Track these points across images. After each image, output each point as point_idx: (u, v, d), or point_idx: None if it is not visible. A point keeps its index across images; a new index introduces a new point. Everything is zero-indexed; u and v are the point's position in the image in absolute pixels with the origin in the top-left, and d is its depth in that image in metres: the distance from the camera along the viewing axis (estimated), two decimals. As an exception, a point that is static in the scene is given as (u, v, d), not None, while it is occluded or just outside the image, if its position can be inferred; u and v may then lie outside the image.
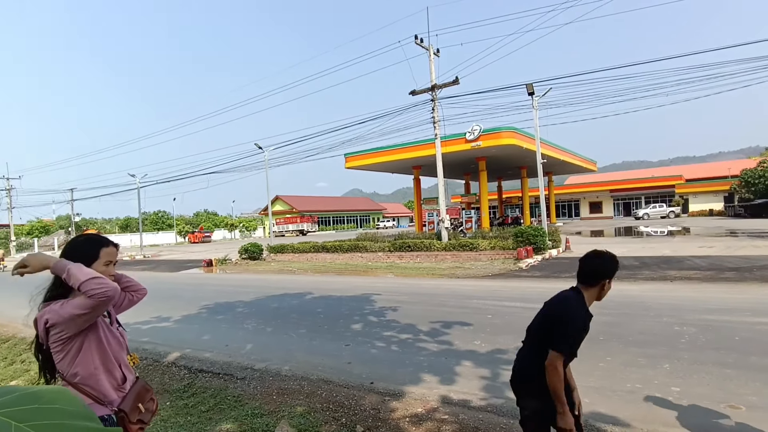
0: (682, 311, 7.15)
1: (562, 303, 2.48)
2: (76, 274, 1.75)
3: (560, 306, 2.47)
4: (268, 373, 5.26)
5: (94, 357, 1.89)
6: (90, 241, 2.07)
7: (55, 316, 1.78)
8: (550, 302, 2.56)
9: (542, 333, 2.47)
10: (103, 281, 1.78)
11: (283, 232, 61.71)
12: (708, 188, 51.59)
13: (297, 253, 22.17)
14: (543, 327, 2.48)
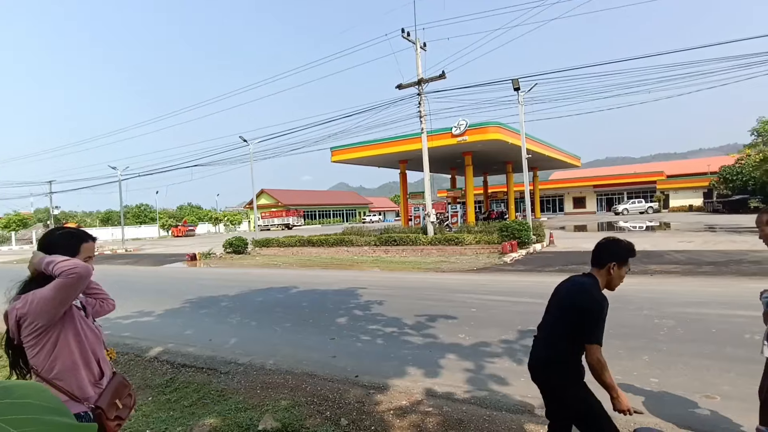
0: (661, 304, 7.30)
1: (585, 293, 2.49)
2: (53, 260, 1.74)
3: (583, 296, 2.48)
4: (253, 367, 5.23)
5: (72, 350, 1.84)
6: (69, 235, 2.02)
7: (26, 305, 1.73)
8: (570, 292, 2.59)
9: (568, 323, 2.48)
10: (75, 260, 1.76)
11: (269, 226, 61.30)
12: (688, 184, 52.67)
13: (282, 247, 22.04)
14: (568, 318, 2.49)
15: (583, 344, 2.43)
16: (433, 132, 23.64)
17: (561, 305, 2.61)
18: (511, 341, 5.70)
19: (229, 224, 67.68)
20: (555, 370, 2.55)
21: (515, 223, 17.78)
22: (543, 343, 2.68)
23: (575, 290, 2.56)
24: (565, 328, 2.50)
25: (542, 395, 2.73)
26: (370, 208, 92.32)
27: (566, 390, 2.53)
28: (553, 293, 2.78)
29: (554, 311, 2.66)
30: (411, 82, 20.07)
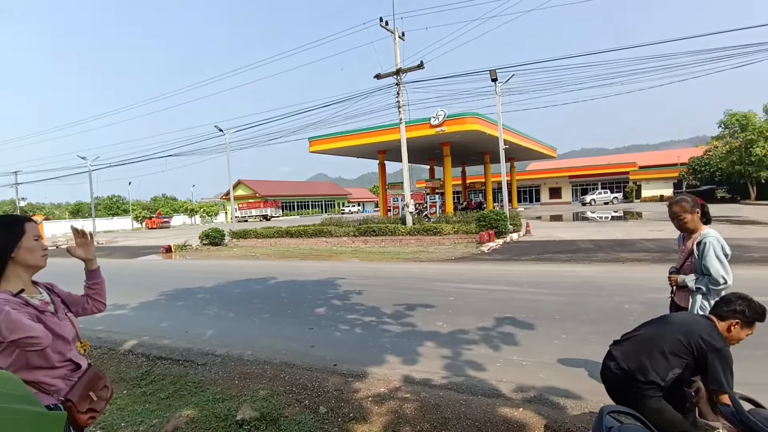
0: (632, 290, 7.53)
1: (715, 332, 2.35)
2: (16, 321, 1.60)
3: (714, 336, 2.32)
4: (230, 358, 5.20)
5: (32, 358, 1.75)
6: (6, 219, 1.89)
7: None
8: (695, 328, 2.40)
9: (684, 356, 2.36)
10: (38, 329, 1.65)
11: (246, 217, 60.58)
12: (659, 175, 54.21)
13: (260, 239, 21.82)
14: (686, 351, 2.35)
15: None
16: (412, 122, 23.66)
17: (677, 335, 2.43)
18: (488, 328, 5.80)
19: (206, 216, 66.55)
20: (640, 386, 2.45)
21: (493, 213, 18.01)
22: (627, 355, 2.59)
23: (704, 328, 2.39)
24: (672, 357, 2.39)
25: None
26: (349, 198, 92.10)
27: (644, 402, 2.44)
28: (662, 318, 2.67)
29: (660, 336, 2.49)
30: (389, 72, 19.98)
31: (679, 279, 3.25)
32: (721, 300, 2.51)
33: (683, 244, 3.39)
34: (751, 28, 15.86)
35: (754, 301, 2.40)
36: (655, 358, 2.42)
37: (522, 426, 3.31)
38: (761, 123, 35.61)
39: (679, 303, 3.37)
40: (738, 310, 2.38)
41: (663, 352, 2.40)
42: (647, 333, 2.62)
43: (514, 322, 6.00)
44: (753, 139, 35.28)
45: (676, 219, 3.24)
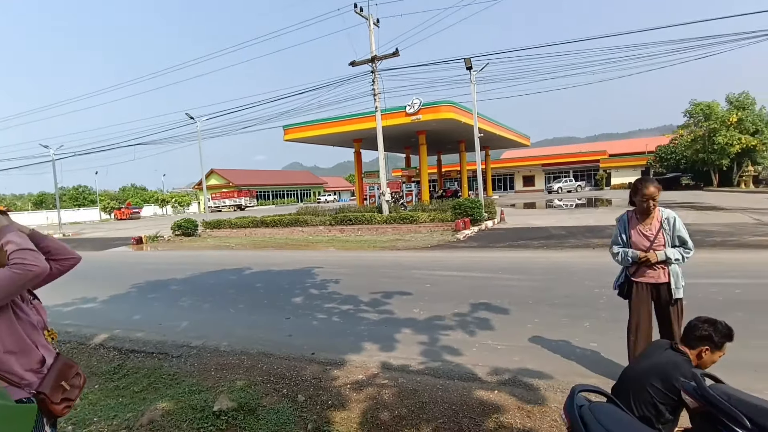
0: (602, 275, 7.74)
1: (688, 369, 2.33)
2: (16, 240, 1.63)
3: (688, 376, 2.29)
4: (206, 349, 5.13)
5: (4, 340, 1.71)
6: None
7: None
8: (671, 372, 2.35)
9: (669, 402, 2.31)
10: (39, 256, 1.65)
11: (220, 207, 59.50)
12: (628, 163, 55.73)
13: (235, 229, 21.49)
14: (667, 397, 2.31)
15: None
16: (388, 110, 23.55)
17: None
18: (464, 314, 5.90)
19: (178, 206, 65.00)
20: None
21: (468, 201, 18.20)
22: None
23: (678, 364, 2.38)
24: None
25: None
26: (325, 187, 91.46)
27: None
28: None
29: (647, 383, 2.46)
30: (364, 60, 19.81)
31: (659, 254, 3.38)
32: (688, 327, 2.54)
33: (635, 226, 3.51)
34: (715, 20, 16.37)
35: (719, 323, 2.45)
36: (648, 409, 2.39)
37: (497, 408, 3.39)
38: (723, 113, 36.93)
39: (649, 281, 3.50)
40: (705, 336, 2.43)
41: (654, 404, 2.36)
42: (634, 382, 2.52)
43: (489, 308, 6.11)
44: (716, 128, 36.60)
45: (653, 199, 3.37)
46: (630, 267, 3.58)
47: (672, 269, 3.43)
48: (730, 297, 5.86)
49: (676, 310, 3.46)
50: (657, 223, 3.45)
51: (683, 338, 2.55)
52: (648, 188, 3.36)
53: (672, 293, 3.43)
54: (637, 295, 3.57)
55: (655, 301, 3.55)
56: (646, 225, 3.48)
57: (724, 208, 18.94)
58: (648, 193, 3.35)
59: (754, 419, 1.78)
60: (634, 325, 3.59)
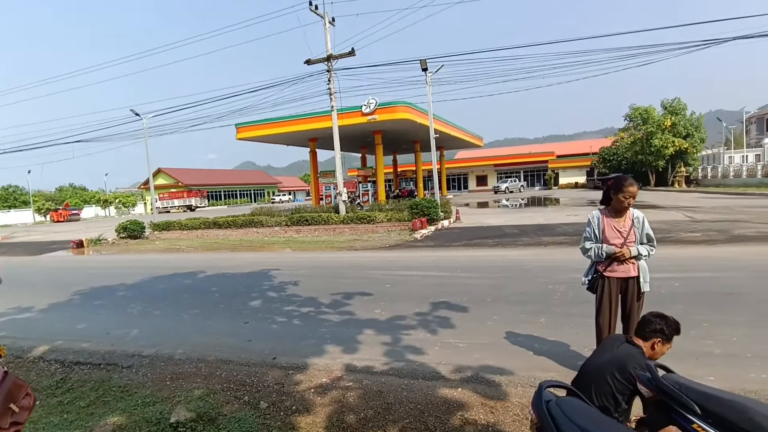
0: (554, 272, 8.08)
1: (642, 360, 2.51)
2: None
3: (642, 365, 2.46)
4: (159, 358, 4.90)
5: None
6: None
7: None
8: (627, 361, 2.52)
9: (625, 391, 2.47)
10: None
11: (168, 208, 57.09)
12: (574, 164, 58.43)
13: (186, 230, 20.68)
14: (625, 387, 2.48)
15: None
16: (344, 110, 23.46)
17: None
18: (425, 313, 5.96)
19: (122, 207, 61.70)
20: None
21: (424, 201, 18.43)
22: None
23: (633, 355, 2.56)
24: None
25: None
26: (279, 187, 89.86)
27: None
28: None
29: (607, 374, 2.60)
30: (320, 58, 19.60)
31: (632, 250, 3.59)
32: (642, 321, 2.71)
33: (610, 223, 3.69)
34: (653, 30, 17.45)
35: (669, 318, 2.64)
36: (608, 399, 2.54)
37: (461, 405, 3.45)
38: (659, 117, 39.45)
39: (619, 276, 3.68)
40: (657, 329, 2.60)
41: (613, 394, 2.51)
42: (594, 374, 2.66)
43: (449, 306, 6.21)
44: (652, 131, 39.03)
45: (632, 198, 3.55)
46: (602, 262, 3.72)
47: (641, 264, 3.67)
48: (670, 290, 6.26)
49: (641, 304, 3.69)
50: (629, 221, 3.66)
51: (638, 331, 2.70)
52: (632, 187, 3.54)
53: (640, 287, 3.66)
54: (607, 289, 3.72)
55: (622, 294, 3.74)
56: (619, 222, 3.67)
57: (662, 207, 20.24)
58: (632, 191, 3.53)
59: (703, 405, 1.90)
60: (606, 318, 3.74)
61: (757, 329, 4.70)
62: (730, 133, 48.37)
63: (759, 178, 32.57)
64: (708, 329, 4.76)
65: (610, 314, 3.72)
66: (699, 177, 41.83)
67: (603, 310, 3.73)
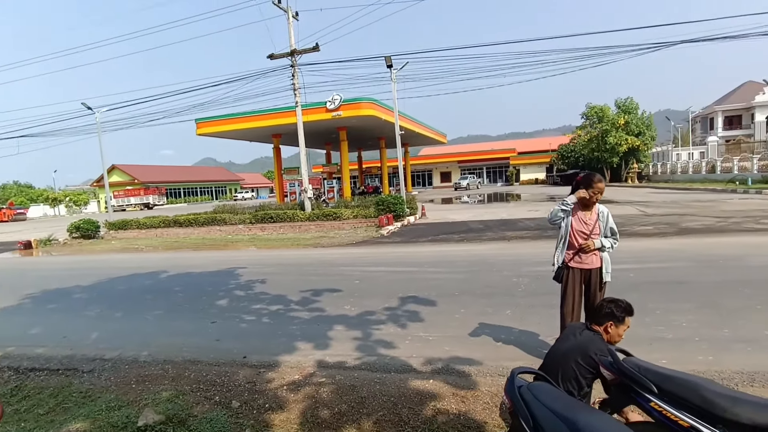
0: (518, 265, 8.34)
1: (602, 343, 2.66)
2: None
3: (602, 348, 2.61)
4: (123, 361, 4.74)
5: None
6: None
7: None
8: (588, 346, 2.65)
9: (588, 375, 2.60)
10: None
11: (124, 206, 54.91)
12: (534, 160, 60.16)
13: (144, 229, 19.95)
14: (588, 371, 2.62)
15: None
16: (308, 106, 23.21)
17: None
18: (394, 308, 6.03)
19: (73, 206, 58.71)
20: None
21: (391, 197, 18.53)
22: None
23: (592, 340, 2.70)
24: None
25: None
26: (242, 184, 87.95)
27: None
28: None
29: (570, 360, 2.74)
30: (283, 53, 19.31)
31: (596, 243, 3.81)
32: (594, 308, 2.89)
33: (577, 215, 3.89)
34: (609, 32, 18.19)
35: (619, 300, 2.81)
36: (572, 384, 2.66)
37: (433, 396, 3.53)
38: (613, 116, 41.19)
39: (583, 267, 3.89)
40: (608, 313, 2.77)
41: (577, 379, 2.64)
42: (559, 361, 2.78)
43: (418, 301, 6.31)
44: (607, 129, 40.71)
45: (600, 194, 3.78)
46: (567, 254, 3.94)
47: (604, 256, 3.90)
48: (626, 280, 6.59)
49: (603, 294, 3.90)
50: (595, 215, 3.88)
51: (592, 318, 2.87)
52: (601, 183, 3.78)
53: (603, 277, 3.88)
54: (572, 280, 3.92)
55: (586, 284, 3.94)
56: (586, 215, 3.89)
57: (617, 202, 21.18)
58: (600, 188, 3.76)
59: (660, 385, 2.04)
60: (570, 307, 3.93)
61: (703, 315, 5.04)
62: (677, 131, 51.10)
63: (703, 174, 34.60)
64: (660, 316, 5.05)
65: (574, 303, 3.91)
66: (650, 173, 43.97)
67: (567, 300, 3.92)
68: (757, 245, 9.07)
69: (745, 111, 49.55)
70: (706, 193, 25.03)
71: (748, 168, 29.69)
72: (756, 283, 6.19)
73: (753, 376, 3.59)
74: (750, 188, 24.52)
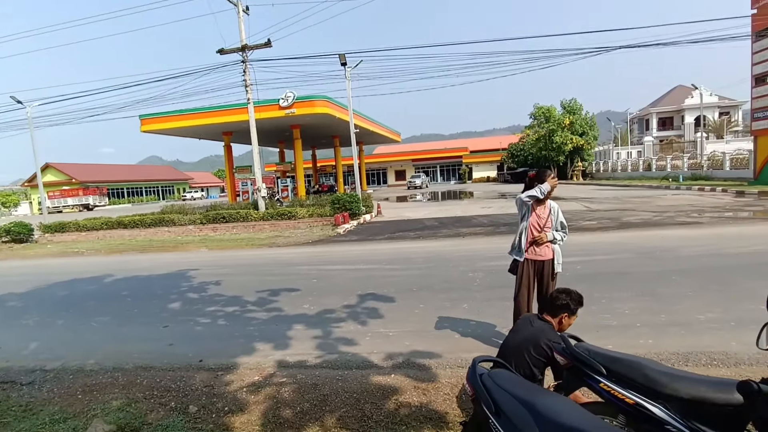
0: (473, 260, 8.56)
1: (552, 333, 2.80)
2: None
3: (552, 338, 2.77)
4: (67, 371, 4.46)
5: None
6: None
7: None
8: (539, 336, 2.81)
9: (540, 365, 2.77)
10: None
11: (61, 208, 51.42)
12: (486, 159, 61.84)
13: (84, 232, 18.80)
14: (539, 360, 2.77)
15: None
16: (261, 103, 22.68)
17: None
18: (353, 305, 6.04)
19: (1, 207, 54.34)
20: None
21: (346, 196, 18.48)
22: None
23: (544, 331, 2.85)
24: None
25: None
26: (191, 183, 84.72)
27: None
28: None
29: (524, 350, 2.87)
30: (234, 48, 18.79)
31: (549, 236, 4.04)
32: (549, 299, 3.03)
33: (534, 210, 4.10)
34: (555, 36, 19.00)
35: (573, 292, 2.97)
36: (526, 372, 2.79)
37: (395, 390, 3.58)
38: (559, 116, 43.08)
39: (536, 258, 4.10)
40: (564, 305, 2.93)
41: (530, 367, 2.78)
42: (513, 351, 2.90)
43: (377, 298, 6.35)
44: (554, 129, 42.53)
45: (553, 189, 4.02)
46: (523, 246, 4.14)
47: (555, 248, 4.13)
48: (573, 272, 6.93)
49: (554, 284, 4.12)
50: (548, 210, 4.11)
51: (546, 308, 3.01)
52: (554, 179, 4.03)
53: (554, 268, 4.10)
54: (526, 271, 4.13)
55: (539, 275, 4.14)
56: (540, 209, 4.11)
57: (563, 198, 22.18)
58: (555, 184, 4.02)
59: (608, 367, 2.19)
60: (524, 297, 4.13)
61: (643, 303, 5.40)
62: (617, 131, 54.09)
63: (641, 171, 36.92)
64: (606, 305, 5.36)
65: (529, 294, 4.12)
66: (593, 171, 46.35)
67: (522, 290, 4.12)
68: (688, 237, 9.79)
69: (676, 113, 53.31)
70: (644, 189, 26.72)
71: (680, 166, 31.99)
72: (688, 272, 6.70)
73: (687, 356, 3.89)
74: (681, 185, 26.44)
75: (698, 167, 30.18)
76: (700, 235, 10.05)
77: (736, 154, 27.51)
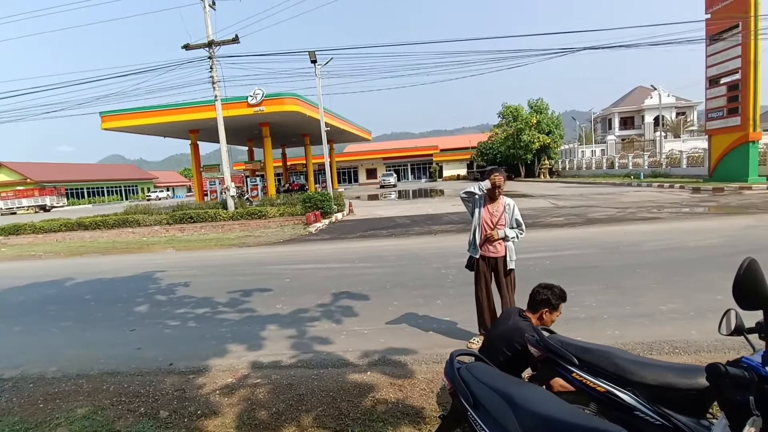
0: (445, 257, 8.65)
1: (530, 330, 2.76)
2: None
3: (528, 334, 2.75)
4: (26, 379, 4.25)
5: None
6: None
7: None
8: (514, 334, 2.82)
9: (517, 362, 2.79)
10: None
11: (14, 209, 48.90)
12: (456, 157, 62.58)
13: (42, 234, 18.01)
14: (514, 358, 2.80)
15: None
16: (229, 100, 22.26)
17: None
18: (327, 304, 6.00)
19: (-50, 209, 51.22)
20: None
21: (318, 195, 18.36)
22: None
23: (521, 328, 2.84)
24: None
25: None
26: (156, 183, 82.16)
27: None
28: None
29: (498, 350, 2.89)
30: (200, 44, 18.37)
31: (500, 233, 4.11)
32: (531, 294, 3.04)
33: (486, 206, 4.19)
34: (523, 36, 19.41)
35: (555, 287, 2.98)
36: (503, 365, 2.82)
37: (371, 387, 3.58)
38: (527, 115, 44.03)
39: (489, 255, 4.21)
40: (544, 300, 2.94)
41: (504, 363, 2.79)
42: (492, 343, 2.97)
43: (351, 296, 6.33)
44: (522, 128, 43.44)
45: (500, 187, 4.07)
46: (477, 243, 4.23)
47: (508, 245, 4.20)
48: (543, 267, 7.12)
49: (510, 280, 4.24)
50: (501, 207, 4.20)
51: (528, 305, 3.05)
52: (499, 176, 4.07)
53: (507, 265, 4.18)
54: (481, 268, 4.25)
55: (494, 272, 4.23)
56: (493, 207, 4.21)
57: (531, 195, 22.70)
58: (497, 182, 4.06)
59: (580, 357, 2.26)
60: (482, 292, 4.25)
61: (609, 295, 5.59)
62: (582, 130, 55.79)
63: (604, 169, 38.16)
64: (574, 298, 5.48)
65: (486, 288, 4.24)
66: (560, 169, 47.60)
67: (479, 286, 4.27)
68: (650, 232, 10.19)
69: (637, 113, 55.36)
70: (608, 186, 27.64)
71: (640, 164, 33.26)
72: (650, 265, 6.98)
73: (651, 345, 4.06)
74: (642, 182, 27.52)
75: (658, 165, 31.46)
76: (660, 229, 10.48)
77: (692, 153, 28.84)
